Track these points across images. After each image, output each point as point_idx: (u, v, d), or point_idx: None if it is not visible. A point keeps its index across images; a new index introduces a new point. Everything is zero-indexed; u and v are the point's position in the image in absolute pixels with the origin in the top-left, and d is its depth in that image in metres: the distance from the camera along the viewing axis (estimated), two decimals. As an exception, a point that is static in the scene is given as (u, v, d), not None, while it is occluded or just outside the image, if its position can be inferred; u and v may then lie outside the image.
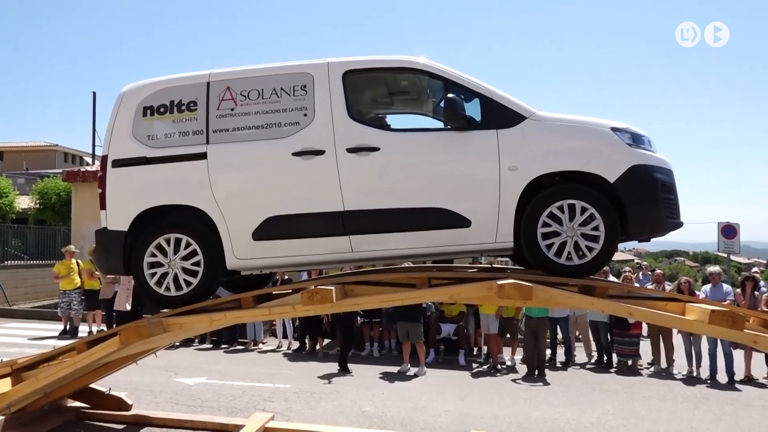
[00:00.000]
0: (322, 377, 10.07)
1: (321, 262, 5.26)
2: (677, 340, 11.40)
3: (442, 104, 5.01)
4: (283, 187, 4.86)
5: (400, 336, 11.21)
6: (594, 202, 4.60)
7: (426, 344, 11.46)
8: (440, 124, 5.20)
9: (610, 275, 12.10)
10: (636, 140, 4.83)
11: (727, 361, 10.59)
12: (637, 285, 12.02)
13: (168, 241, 5.00)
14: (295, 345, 12.85)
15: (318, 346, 12.37)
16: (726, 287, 10.71)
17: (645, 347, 11.93)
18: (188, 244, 4.98)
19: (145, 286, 5.06)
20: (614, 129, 4.80)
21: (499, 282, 4.23)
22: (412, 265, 6.80)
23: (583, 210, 4.61)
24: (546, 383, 10.25)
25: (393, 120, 5.96)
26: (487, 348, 11.98)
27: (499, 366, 11.17)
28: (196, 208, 4.97)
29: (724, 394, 9.78)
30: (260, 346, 13.01)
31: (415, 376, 10.41)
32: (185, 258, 4.98)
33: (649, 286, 11.71)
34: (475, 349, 12.63)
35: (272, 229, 4.84)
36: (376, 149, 4.76)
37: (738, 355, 10.66)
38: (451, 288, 4.50)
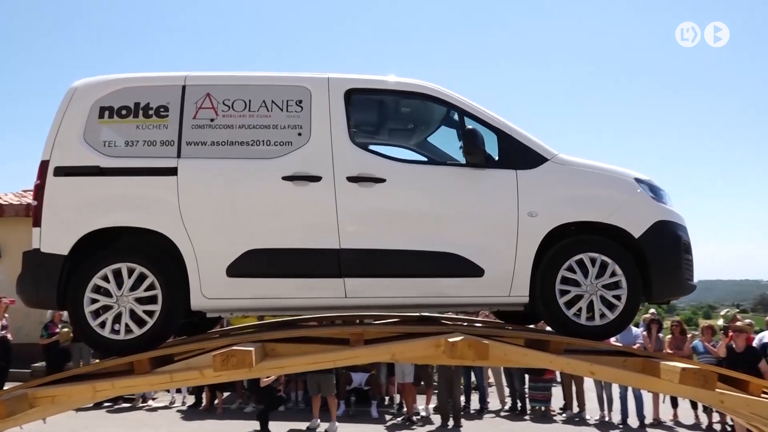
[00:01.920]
0: (222, 439, 8.99)
1: (308, 308, 4.51)
2: (588, 383, 11.35)
3: (445, 137, 4.61)
4: (270, 215, 4.18)
5: (309, 389, 10.32)
6: (617, 258, 4.22)
7: (336, 396, 10.69)
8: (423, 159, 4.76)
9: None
10: (655, 193, 4.52)
11: (637, 404, 10.63)
12: None
13: (118, 272, 4.06)
14: (191, 400, 11.57)
15: (217, 401, 11.18)
16: (635, 330, 10.81)
17: (556, 391, 11.79)
18: (144, 277, 4.07)
19: (83, 326, 4.03)
20: (638, 180, 4.48)
21: (450, 339, 3.66)
22: (339, 314, 6.12)
23: (604, 265, 4.23)
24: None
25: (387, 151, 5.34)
26: (401, 397, 11.36)
27: (413, 417, 10.56)
28: (158, 233, 4.14)
29: (639, 440, 9.71)
30: (150, 402, 11.61)
31: (326, 433, 9.57)
32: (139, 294, 4.07)
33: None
34: (388, 398, 11.96)
35: (252, 264, 4.12)
36: (382, 180, 4.20)
37: (647, 397, 10.73)
38: (393, 345, 3.88)
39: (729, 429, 9.97)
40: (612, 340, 10.81)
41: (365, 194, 4.19)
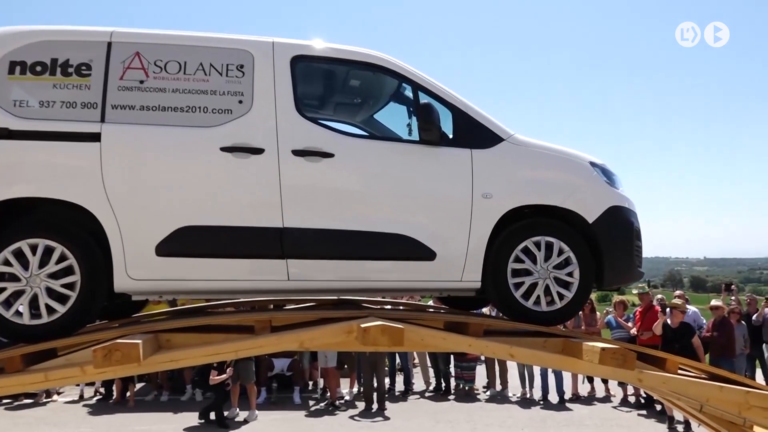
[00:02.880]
0: (132, 433, 8.44)
1: (245, 291, 4.11)
2: (511, 361, 11.49)
3: (408, 111, 4.27)
4: (205, 189, 3.79)
5: (227, 377, 9.90)
6: (572, 244, 4.06)
7: (257, 383, 10.30)
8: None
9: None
10: (609, 178, 4.37)
11: (557, 380, 10.82)
12: None
13: (29, 249, 3.55)
14: (99, 392, 10.86)
15: (129, 393, 10.52)
16: None
17: (480, 370, 11.88)
18: (61, 256, 3.60)
19: None
20: (592, 164, 4.33)
21: (363, 324, 3.39)
22: (242, 300, 5.73)
23: (558, 251, 4.04)
24: (386, 417, 9.64)
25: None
26: (324, 382, 11.10)
27: (337, 402, 10.33)
28: (77, 205, 3.66)
29: (559, 415, 9.89)
30: (55, 397, 10.80)
31: (245, 422, 9.21)
32: (54, 274, 3.58)
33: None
34: (312, 383, 11.67)
35: (185, 242, 3.73)
36: (330, 155, 3.88)
37: (566, 374, 10.94)
38: (302, 332, 3.56)
39: (643, 400, 10.32)
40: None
41: (311, 170, 3.88)
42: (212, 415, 9.13)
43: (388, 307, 5.30)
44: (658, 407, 9.90)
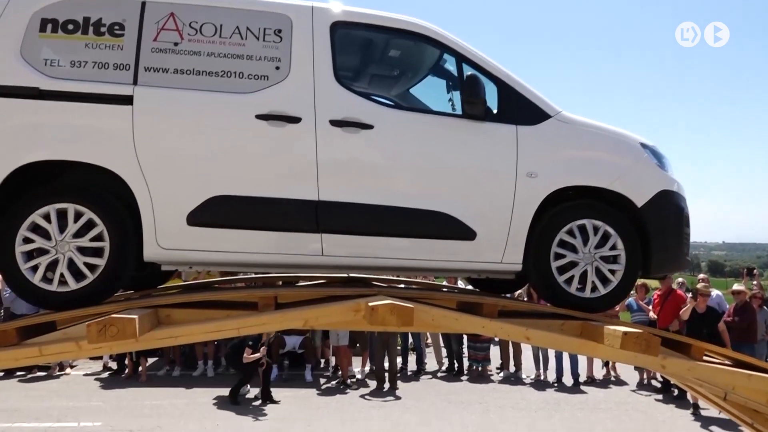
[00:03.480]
0: (144, 409, 8.41)
1: (278, 265, 3.95)
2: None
3: (447, 84, 4.12)
4: (240, 158, 3.65)
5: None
6: (619, 229, 3.86)
7: (268, 360, 10.26)
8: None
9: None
10: (659, 160, 4.15)
11: (572, 362, 10.65)
12: None
13: (59, 214, 3.47)
14: (111, 367, 10.90)
15: (141, 368, 10.54)
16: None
17: (494, 351, 11.73)
18: (90, 223, 3.48)
19: (14, 276, 3.42)
20: (643, 145, 4.11)
21: (371, 303, 3.21)
22: (251, 276, 5.60)
23: (605, 235, 3.85)
24: (398, 397, 9.55)
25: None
26: (336, 361, 11.03)
27: (348, 381, 10.26)
28: (107, 170, 3.54)
29: (573, 398, 9.73)
30: (68, 370, 10.86)
31: (256, 399, 9.15)
32: (82, 241, 3.48)
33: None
34: (323, 361, 11.62)
35: (217, 212, 3.60)
36: (369, 127, 3.71)
37: (581, 356, 10.76)
38: (307, 310, 3.40)
39: (659, 385, 10.12)
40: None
41: (350, 141, 3.71)
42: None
43: (401, 285, 5.13)
44: (675, 392, 9.71)
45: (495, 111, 3.90)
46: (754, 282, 11.42)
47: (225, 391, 9.31)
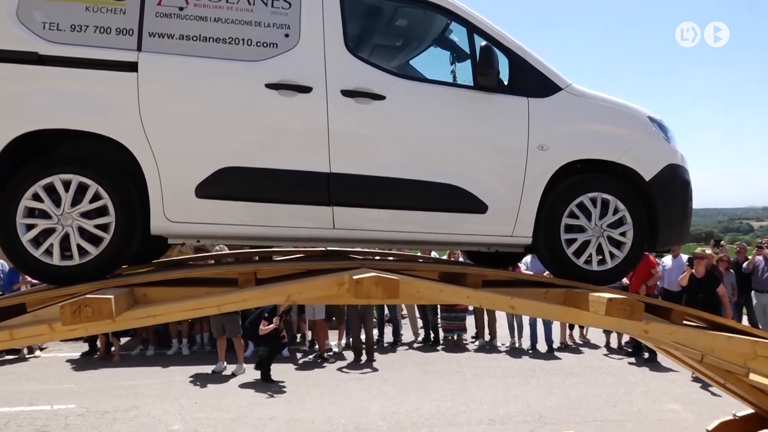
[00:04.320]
0: (118, 389, 8.27)
1: (289, 238, 3.83)
2: (499, 311, 11.46)
3: (451, 54, 4.11)
4: (249, 128, 3.56)
5: (213, 330, 9.76)
6: (628, 202, 3.90)
7: (244, 336, 10.19)
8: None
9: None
10: (666, 134, 4.17)
11: (546, 329, 10.83)
12: None
13: (62, 186, 3.34)
14: (83, 347, 10.68)
15: (113, 348, 10.35)
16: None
17: (469, 320, 11.85)
18: (95, 195, 3.37)
19: (15, 250, 3.34)
20: (651, 119, 4.13)
21: (355, 276, 3.15)
22: (222, 252, 5.49)
23: (615, 209, 3.88)
24: (375, 369, 9.59)
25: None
26: (312, 335, 11.01)
27: (326, 354, 10.26)
28: (111, 139, 3.41)
29: (548, 364, 9.90)
30: (38, 353, 10.61)
31: (233, 375, 9.08)
32: (87, 213, 3.36)
33: None
34: (300, 336, 11.58)
35: (227, 184, 3.51)
36: (381, 97, 3.64)
37: (555, 323, 10.94)
38: (289, 285, 3.32)
39: (630, 349, 10.38)
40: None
41: (362, 112, 3.63)
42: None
43: (377, 258, 5.08)
44: (646, 355, 9.95)
45: (506, 83, 3.86)
46: (719, 251, 11.74)
47: (201, 369, 9.23)
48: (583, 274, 3.85)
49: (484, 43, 3.79)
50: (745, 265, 10.85)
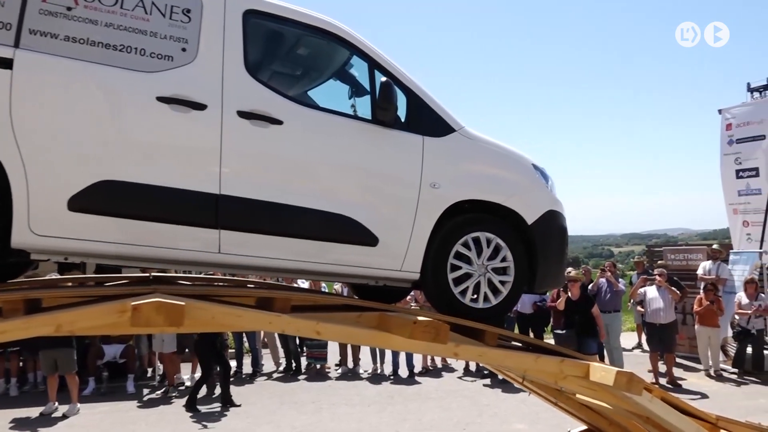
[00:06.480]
0: None
1: (170, 260, 3.52)
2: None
3: (351, 88, 4.07)
4: (135, 141, 3.28)
5: (43, 368, 8.84)
6: (510, 243, 3.99)
7: (85, 373, 9.34)
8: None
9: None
10: (547, 181, 4.34)
11: (407, 354, 10.83)
12: None
13: None
14: None
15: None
16: None
17: (332, 346, 11.63)
18: None
19: None
20: (534, 166, 4.30)
21: (134, 302, 2.83)
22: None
23: (496, 248, 3.96)
24: (228, 402, 9.05)
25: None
26: (163, 368, 10.28)
27: (177, 389, 9.60)
28: None
29: (407, 389, 9.88)
30: None
31: (64, 417, 8.21)
32: None
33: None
34: (150, 370, 10.78)
35: (104, 198, 3.21)
36: (279, 122, 3.52)
37: (417, 348, 11.01)
38: (60, 314, 2.91)
39: (486, 371, 10.60)
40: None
41: (257, 135, 3.48)
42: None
43: (199, 284, 4.75)
44: (500, 376, 10.21)
45: (403, 120, 3.86)
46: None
47: (29, 412, 8.27)
48: (469, 311, 3.86)
49: (384, 78, 3.78)
50: (590, 286, 11.54)
